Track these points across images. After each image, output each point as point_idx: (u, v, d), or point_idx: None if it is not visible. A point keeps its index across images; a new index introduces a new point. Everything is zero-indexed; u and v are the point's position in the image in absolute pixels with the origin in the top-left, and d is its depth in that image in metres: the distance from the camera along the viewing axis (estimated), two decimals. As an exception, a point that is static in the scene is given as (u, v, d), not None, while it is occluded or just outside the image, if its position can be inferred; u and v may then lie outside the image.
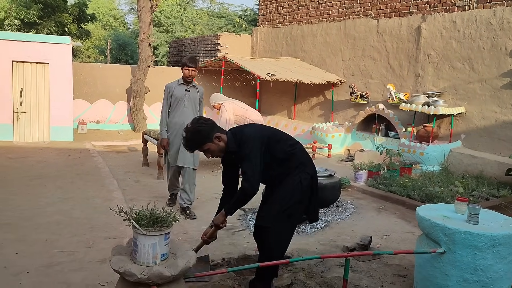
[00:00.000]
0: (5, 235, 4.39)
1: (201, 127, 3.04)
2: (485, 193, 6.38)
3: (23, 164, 7.72)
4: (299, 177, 3.22)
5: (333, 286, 3.59)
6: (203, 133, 3.03)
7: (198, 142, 3.07)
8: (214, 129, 3.09)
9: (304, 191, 3.25)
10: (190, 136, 3.05)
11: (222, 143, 3.10)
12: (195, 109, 5.42)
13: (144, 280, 2.42)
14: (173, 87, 5.34)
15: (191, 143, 3.08)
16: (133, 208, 2.64)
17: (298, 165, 3.25)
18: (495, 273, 3.21)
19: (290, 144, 3.30)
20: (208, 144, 3.07)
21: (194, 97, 5.39)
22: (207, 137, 3.04)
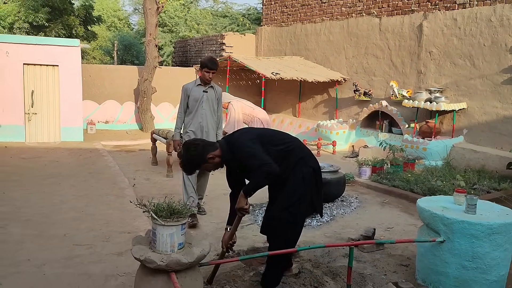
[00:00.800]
0: (26, 231, 4.62)
1: (193, 155, 3.13)
2: (486, 186, 6.54)
3: (37, 164, 7.96)
4: (301, 172, 3.29)
5: (339, 274, 3.78)
6: (196, 159, 3.14)
7: (194, 167, 3.22)
8: (205, 151, 3.15)
9: (308, 185, 3.32)
10: (186, 163, 3.18)
11: (216, 159, 3.19)
12: (213, 110, 5.27)
13: (163, 266, 2.62)
14: (190, 88, 5.17)
15: (188, 168, 3.22)
16: (152, 201, 2.84)
17: (298, 160, 3.32)
18: (492, 260, 3.39)
19: (283, 142, 3.35)
20: (204, 165, 3.20)
21: (212, 98, 5.22)
22: (201, 160, 3.15)
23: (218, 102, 5.31)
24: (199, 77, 5.19)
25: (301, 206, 3.32)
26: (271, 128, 3.66)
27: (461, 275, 3.42)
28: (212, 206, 5.63)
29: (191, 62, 15.90)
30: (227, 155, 3.20)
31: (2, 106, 9.87)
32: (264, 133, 3.45)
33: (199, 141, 3.30)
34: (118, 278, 3.62)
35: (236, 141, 3.26)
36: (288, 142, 3.37)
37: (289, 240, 3.35)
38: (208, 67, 5.04)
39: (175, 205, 2.81)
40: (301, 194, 3.29)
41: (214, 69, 5.07)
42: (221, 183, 6.67)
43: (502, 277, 3.49)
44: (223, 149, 3.20)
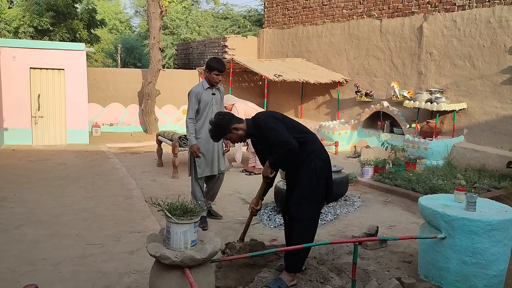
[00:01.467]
0: (39, 231, 4.76)
1: (219, 121, 3.56)
2: (487, 185, 6.66)
3: (45, 166, 8.11)
4: (314, 164, 3.54)
5: (343, 270, 3.91)
6: (222, 126, 3.55)
7: (219, 133, 3.61)
8: (231, 121, 3.56)
9: (319, 177, 3.57)
10: (213, 129, 3.60)
11: (240, 131, 3.57)
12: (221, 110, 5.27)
13: (177, 262, 2.76)
14: (200, 92, 5.05)
15: (214, 134, 3.62)
16: (166, 200, 2.98)
17: (311, 152, 3.56)
18: (492, 256, 3.51)
19: (302, 132, 3.63)
20: (228, 135, 3.58)
21: (219, 99, 5.26)
22: (226, 128, 3.54)
23: (221, 102, 5.39)
24: (206, 80, 5.11)
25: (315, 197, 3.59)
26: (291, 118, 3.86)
27: (462, 270, 3.55)
28: (218, 206, 5.76)
29: (194, 64, 16.06)
30: (250, 129, 3.58)
31: (9, 109, 10.04)
32: (287, 119, 3.73)
33: (229, 113, 3.74)
34: (131, 276, 3.76)
35: (261, 116, 3.64)
36: (306, 133, 3.65)
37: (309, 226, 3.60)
38: (218, 70, 4.98)
39: (188, 204, 2.94)
40: (313, 187, 3.55)
41: (223, 71, 5.05)
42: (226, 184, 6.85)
43: (502, 271, 3.62)
44: (248, 124, 3.60)
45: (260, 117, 3.63)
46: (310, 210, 3.56)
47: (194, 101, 5.05)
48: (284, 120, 3.63)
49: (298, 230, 3.55)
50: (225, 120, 3.56)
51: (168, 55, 20.75)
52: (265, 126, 3.50)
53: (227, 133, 3.58)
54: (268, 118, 3.58)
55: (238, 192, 6.73)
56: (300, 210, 3.52)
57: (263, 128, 3.51)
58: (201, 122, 5.09)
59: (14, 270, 3.79)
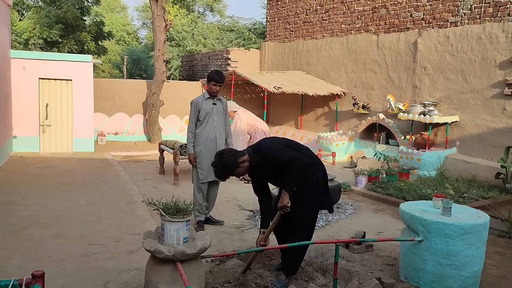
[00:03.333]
0: (45, 232, 5.07)
1: (226, 160, 3.62)
2: (475, 195, 6.91)
3: (51, 172, 8.45)
4: (316, 176, 3.82)
5: (328, 271, 4.17)
6: (231, 165, 3.63)
7: (228, 172, 3.68)
8: (237, 156, 3.65)
9: (321, 187, 3.85)
10: (221, 170, 3.66)
11: (246, 163, 3.68)
12: (222, 121, 5.52)
13: (170, 257, 3.05)
14: (200, 102, 5.35)
15: (223, 174, 3.70)
16: (160, 200, 3.28)
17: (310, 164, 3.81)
18: (465, 258, 3.76)
19: (299, 149, 3.88)
20: (236, 170, 3.67)
21: (220, 110, 5.47)
22: (234, 165, 3.64)
23: (225, 113, 5.57)
24: (207, 91, 5.40)
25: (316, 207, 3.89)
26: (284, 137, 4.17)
27: (438, 271, 3.80)
28: (215, 212, 6.04)
29: (198, 76, 16.46)
30: (254, 159, 3.68)
31: (18, 118, 10.42)
32: (283, 140, 4.00)
33: (230, 150, 3.81)
34: (130, 272, 4.05)
35: (262, 145, 3.82)
36: (302, 150, 3.92)
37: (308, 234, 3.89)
38: (215, 80, 5.25)
39: (181, 204, 3.24)
40: (315, 197, 3.82)
41: (220, 83, 5.28)
42: (222, 191, 7.15)
43: (475, 273, 3.86)
44: (250, 154, 3.70)
45: (264, 147, 3.77)
46: (313, 219, 3.90)
47: (194, 111, 5.34)
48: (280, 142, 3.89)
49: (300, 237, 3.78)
50: (231, 157, 3.62)
51: (174, 67, 21.17)
52: (273, 153, 3.66)
53: (235, 170, 3.65)
54: (274, 144, 3.77)
55: (236, 199, 7.01)
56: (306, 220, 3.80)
57: (271, 156, 3.66)
58: (200, 130, 5.35)
59: (22, 266, 4.09)
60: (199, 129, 5.37)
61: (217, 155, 3.71)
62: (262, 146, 3.81)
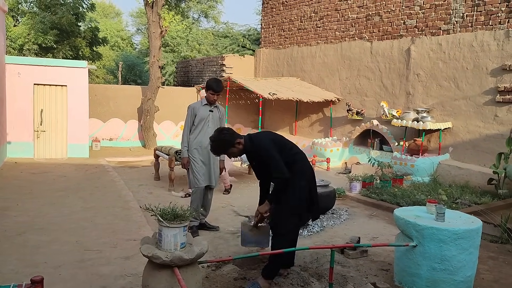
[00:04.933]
0: (41, 237, 5.07)
1: (225, 136, 3.81)
2: (468, 200, 6.98)
3: (46, 178, 8.43)
4: (299, 184, 3.86)
5: (323, 276, 4.21)
6: (227, 141, 3.81)
7: (224, 148, 3.85)
8: (234, 136, 3.83)
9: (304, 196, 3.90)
10: (217, 144, 3.83)
11: (241, 146, 3.84)
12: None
13: (167, 262, 3.08)
14: (197, 108, 5.41)
15: (218, 149, 3.88)
16: (158, 206, 3.31)
17: (299, 171, 3.89)
18: (459, 263, 3.81)
19: (293, 153, 3.96)
20: (231, 148, 3.83)
21: (216, 117, 5.50)
22: (230, 143, 3.81)
23: (221, 121, 5.58)
24: (205, 98, 5.44)
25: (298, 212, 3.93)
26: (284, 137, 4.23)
27: (432, 276, 3.85)
28: (211, 217, 6.06)
29: (193, 82, 16.51)
30: (248, 146, 3.85)
31: (13, 123, 10.40)
32: (280, 139, 4.05)
33: (229, 129, 3.94)
34: (126, 278, 4.06)
35: (261, 139, 3.90)
36: (297, 153, 4.00)
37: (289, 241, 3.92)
38: (213, 90, 5.30)
39: (178, 210, 3.27)
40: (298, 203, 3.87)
41: (219, 92, 5.33)
42: (219, 197, 7.20)
43: (469, 278, 3.92)
44: (246, 140, 3.86)
45: (260, 139, 3.90)
46: (291, 223, 3.91)
47: (189, 116, 5.40)
48: (278, 141, 3.95)
49: (277, 240, 3.87)
50: (230, 135, 3.82)
51: (169, 72, 21.21)
52: (264, 151, 3.80)
53: (230, 147, 3.83)
54: (268, 142, 3.85)
55: (231, 204, 7.04)
56: (284, 224, 3.84)
57: (262, 151, 3.81)
58: (194, 135, 5.40)
59: (18, 272, 4.09)
60: (193, 134, 5.42)
61: (217, 131, 3.88)
62: (258, 137, 3.92)
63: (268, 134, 4.06)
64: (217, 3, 27.78)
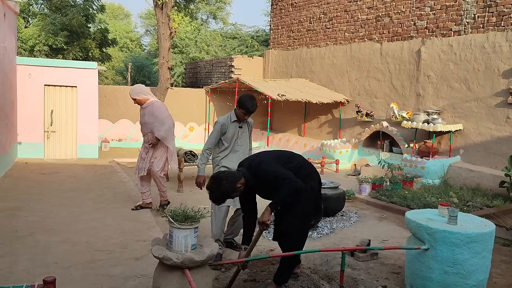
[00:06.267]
0: (51, 238, 5.09)
1: (225, 188, 3.47)
2: (479, 203, 6.91)
3: (56, 179, 8.48)
4: (311, 186, 3.83)
5: (334, 278, 4.18)
6: (228, 191, 3.50)
7: (225, 198, 3.57)
8: (235, 182, 3.51)
9: (316, 195, 3.90)
10: (217, 196, 3.52)
11: (242, 187, 3.58)
12: (246, 144, 5.10)
13: (178, 263, 3.07)
14: (226, 125, 4.87)
15: (218, 200, 3.57)
16: (169, 207, 3.30)
17: (306, 175, 3.85)
18: (471, 266, 3.76)
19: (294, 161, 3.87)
20: (232, 194, 3.56)
21: (246, 132, 5.05)
22: (232, 191, 3.52)
23: (249, 134, 5.14)
24: (235, 113, 4.91)
25: (310, 215, 3.91)
26: (279, 149, 4.12)
27: (444, 279, 3.80)
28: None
29: (201, 83, 16.53)
30: (251, 181, 3.60)
31: (24, 124, 10.48)
32: (277, 155, 3.93)
33: (225, 173, 3.60)
34: (136, 279, 4.06)
35: (259, 166, 3.64)
36: (297, 161, 3.92)
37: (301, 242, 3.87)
38: (246, 110, 4.77)
39: (189, 211, 3.27)
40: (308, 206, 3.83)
41: (251, 113, 4.83)
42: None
43: (481, 282, 3.86)
44: (246, 177, 3.60)
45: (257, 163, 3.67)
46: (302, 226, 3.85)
47: (216, 133, 4.89)
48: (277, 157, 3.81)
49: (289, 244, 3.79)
50: (229, 183, 3.48)
51: (177, 73, 21.27)
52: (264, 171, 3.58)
53: (233, 193, 3.54)
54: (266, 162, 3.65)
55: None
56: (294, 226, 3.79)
57: (263, 174, 3.58)
58: (224, 153, 4.93)
59: (29, 272, 4.11)
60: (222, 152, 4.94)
61: (215, 180, 3.51)
62: (259, 168, 3.65)
63: (263, 152, 3.92)
64: (226, 5, 27.85)
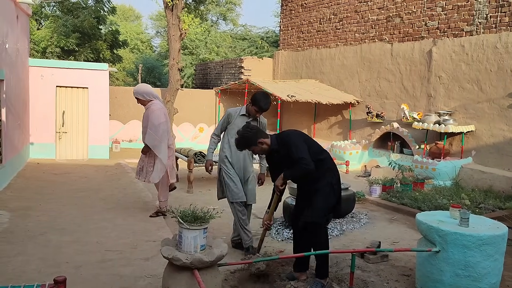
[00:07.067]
0: (62, 238, 5.14)
1: (246, 134, 3.89)
2: (492, 205, 6.82)
3: (68, 179, 8.56)
4: (331, 181, 3.92)
5: (343, 280, 4.16)
6: (248, 139, 3.89)
7: (244, 145, 3.96)
8: (257, 135, 3.90)
9: (336, 192, 3.99)
10: (239, 140, 3.94)
11: (264, 146, 3.91)
12: None
13: (188, 264, 3.08)
14: (233, 115, 4.84)
15: (240, 145, 3.97)
16: (178, 208, 3.32)
17: (327, 170, 3.96)
18: (483, 269, 3.72)
19: (320, 151, 4.02)
20: (252, 147, 3.94)
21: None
22: (252, 141, 3.89)
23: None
24: (246, 108, 4.84)
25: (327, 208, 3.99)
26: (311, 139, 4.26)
27: (455, 282, 3.76)
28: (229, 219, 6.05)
29: (211, 84, 16.57)
30: (274, 145, 3.91)
31: (36, 125, 10.60)
32: (309, 139, 4.09)
33: (255, 127, 4.01)
34: (146, 279, 4.08)
35: (287, 135, 3.98)
36: (323, 153, 4.05)
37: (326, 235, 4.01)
38: (258, 107, 4.68)
39: (198, 212, 3.27)
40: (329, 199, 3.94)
41: (263, 111, 4.73)
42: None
43: (494, 285, 3.81)
44: (272, 140, 3.94)
45: (288, 133, 4.01)
46: (323, 219, 3.97)
47: (223, 120, 4.91)
48: (307, 141, 3.99)
49: (317, 237, 3.90)
50: (252, 132, 3.90)
51: (187, 75, 21.36)
52: (289, 141, 3.85)
53: (251, 145, 3.92)
54: (295, 136, 3.94)
55: (249, 207, 7.01)
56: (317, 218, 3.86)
57: (288, 142, 3.86)
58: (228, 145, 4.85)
59: (41, 272, 4.15)
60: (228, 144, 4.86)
61: (245, 126, 3.98)
62: (288, 134, 3.98)
63: (298, 132, 4.12)
64: (236, 6, 27.91)
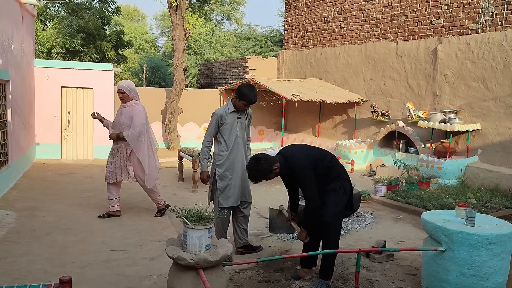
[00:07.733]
0: (68, 238, 5.16)
1: (263, 166, 3.82)
2: (498, 204, 6.78)
3: (73, 179, 8.60)
4: (342, 184, 4.00)
5: (349, 279, 4.15)
6: (265, 171, 3.84)
7: (261, 177, 3.89)
8: (272, 164, 3.84)
9: (347, 194, 4.06)
10: (255, 174, 3.86)
11: (277, 170, 3.88)
12: (245, 137, 4.89)
13: (193, 264, 3.08)
14: (224, 116, 4.65)
15: (256, 178, 3.90)
16: (183, 208, 3.32)
17: (337, 175, 4.02)
18: (490, 268, 3.69)
19: (328, 160, 4.05)
20: (268, 176, 3.88)
21: (244, 123, 4.83)
22: (268, 171, 3.84)
23: (248, 125, 4.92)
24: (232, 103, 4.71)
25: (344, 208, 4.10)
26: (314, 147, 4.30)
27: (461, 282, 3.73)
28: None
29: (216, 84, 16.58)
30: (284, 169, 3.90)
31: (41, 126, 10.65)
32: (313, 153, 4.09)
33: (264, 155, 3.95)
34: (151, 279, 4.09)
35: (293, 158, 3.91)
36: (331, 160, 4.09)
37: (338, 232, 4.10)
38: (247, 101, 4.60)
39: (203, 211, 3.27)
40: (343, 203, 4.03)
41: (252, 103, 4.65)
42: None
43: (500, 284, 3.79)
44: (281, 164, 3.88)
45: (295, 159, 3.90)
46: (340, 220, 4.09)
47: (214, 124, 4.67)
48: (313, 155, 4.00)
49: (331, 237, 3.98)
50: (267, 164, 3.82)
51: (192, 74, 21.39)
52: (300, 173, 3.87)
53: (268, 174, 3.85)
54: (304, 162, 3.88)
55: (254, 206, 6.98)
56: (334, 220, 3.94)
57: (299, 174, 3.88)
58: (224, 147, 4.72)
59: (46, 271, 4.17)
60: (223, 150, 4.70)
61: (254, 159, 3.86)
62: (293, 157, 3.91)
63: (302, 149, 4.10)
64: (240, 5, 27.90)
